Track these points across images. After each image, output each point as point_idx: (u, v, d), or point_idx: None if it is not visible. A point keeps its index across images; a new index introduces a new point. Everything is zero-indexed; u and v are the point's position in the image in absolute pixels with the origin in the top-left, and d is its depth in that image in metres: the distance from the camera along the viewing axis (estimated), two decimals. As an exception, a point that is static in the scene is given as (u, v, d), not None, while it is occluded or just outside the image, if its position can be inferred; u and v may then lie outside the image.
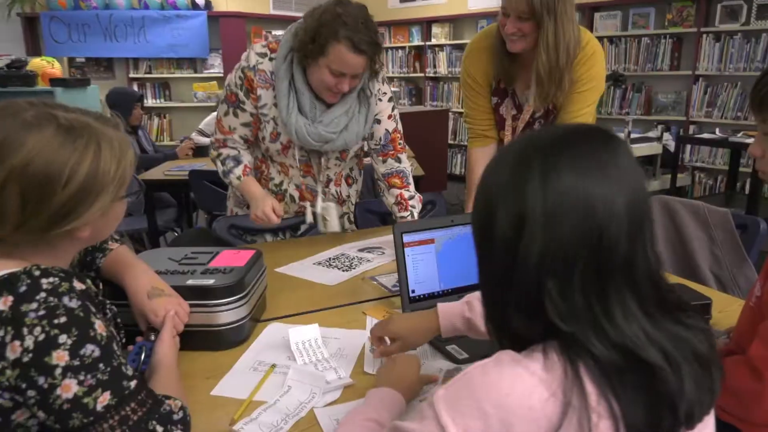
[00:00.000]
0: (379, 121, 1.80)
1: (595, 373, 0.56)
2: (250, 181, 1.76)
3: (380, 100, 1.79)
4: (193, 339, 1.09)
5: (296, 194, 1.86)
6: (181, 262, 1.21)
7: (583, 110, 1.78)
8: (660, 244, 2.06)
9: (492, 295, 0.66)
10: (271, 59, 1.67)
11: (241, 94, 1.70)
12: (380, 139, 1.81)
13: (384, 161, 1.83)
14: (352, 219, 2.03)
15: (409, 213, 1.80)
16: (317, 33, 1.53)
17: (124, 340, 0.97)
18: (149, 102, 5.79)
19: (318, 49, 1.55)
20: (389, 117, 1.81)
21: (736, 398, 0.91)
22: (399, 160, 1.83)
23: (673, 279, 1.54)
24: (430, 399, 0.62)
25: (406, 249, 1.28)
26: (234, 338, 1.16)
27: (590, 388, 0.56)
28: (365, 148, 1.90)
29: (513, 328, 0.62)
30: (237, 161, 1.77)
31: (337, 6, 1.53)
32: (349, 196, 1.98)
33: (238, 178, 1.76)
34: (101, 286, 1.00)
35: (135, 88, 5.66)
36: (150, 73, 5.82)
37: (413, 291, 1.29)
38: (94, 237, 0.87)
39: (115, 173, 0.81)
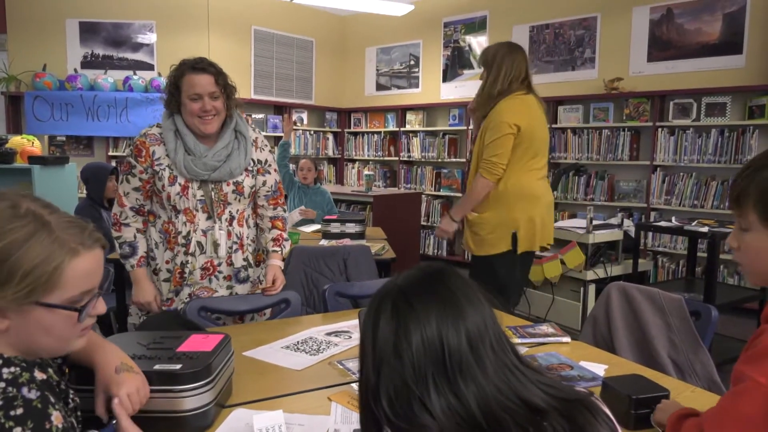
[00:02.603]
0: (269, 172, 2.12)
1: None
2: (141, 273, 2.03)
3: (262, 149, 2.11)
4: (156, 426, 1.10)
5: (203, 240, 2.00)
6: (149, 347, 1.22)
7: (486, 142, 2.64)
8: (619, 329, 2.14)
9: (365, 407, 0.78)
10: (158, 126, 2.02)
11: (132, 161, 1.99)
12: (271, 186, 2.13)
13: (274, 207, 2.15)
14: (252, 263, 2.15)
15: (280, 249, 2.12)
16: (172, 82, 1.96)
17: (80, 426, 0.98)
18: (127, 179, 5.86)
19: (176, 90, 1.94)
20: (275, 170, 2.15)
21: None
22: (283, 209, 2.18)
23: (631, 367, 1.60)
24: None
25: (371, 335, 1.32)
26: (198, 425, 1.16)
27: None
28: (259, 194, 2.13)
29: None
30: (133, 249, 2.02)
31: (181, 60, 1.97)
32: (252, 242, 2.15)
33: (132, 266, 2.02)
34: (67, 371, 1.01)
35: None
36: (129, 151, 5.93)
37: (378, 377, 1.32)
38: (17, 338, 0.82)
39: (31, 270, 0.79)
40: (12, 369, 0.77)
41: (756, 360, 0.94)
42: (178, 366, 1.14)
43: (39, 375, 0.80)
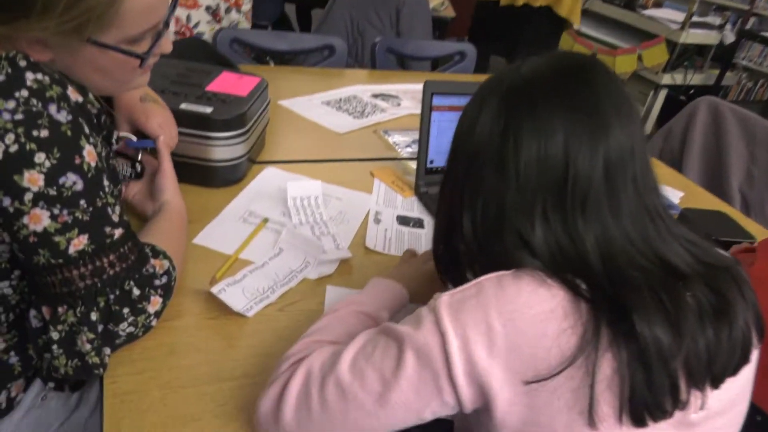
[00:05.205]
0: None
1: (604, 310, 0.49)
2: None
3: None
4: (182, 171, 0.94)
5: None
6: (174, 81, 1.03)
7: None
8: (694, 147, 1.92)
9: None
10: None
11: None
12: None
13: None
14: None
15: None
16: None
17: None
18: None
19: None
20: None
21: None
22: None
23: (708, 200, 1.41)
24: (431, 303, 0.53)
25: (433, 113, 1.11)
26: (227, 177, 1.04)
27: (605, 329, 0.48)
28: None
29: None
30: None
31: None
32: None
33: None
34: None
35: None
36: None
37: (431, 161, 1.14)
38: (66, 72, 0.64)
39: (76, 2, 0.56)
40: (38, 76, 0.58)
41: None
42: (209, 109, 0.96)
43: (74, 95, 0.61)
